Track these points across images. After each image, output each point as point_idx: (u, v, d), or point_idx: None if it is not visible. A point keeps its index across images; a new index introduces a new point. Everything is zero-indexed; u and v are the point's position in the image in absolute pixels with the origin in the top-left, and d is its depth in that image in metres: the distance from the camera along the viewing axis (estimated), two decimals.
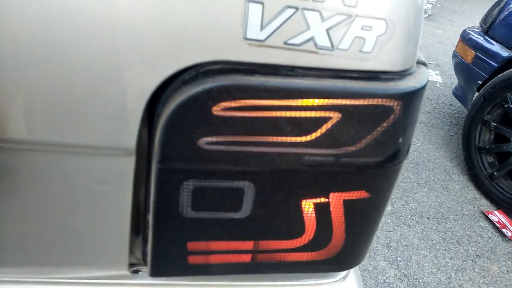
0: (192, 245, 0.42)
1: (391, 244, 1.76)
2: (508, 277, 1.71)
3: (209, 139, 0.35)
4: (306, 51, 0.32)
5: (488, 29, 2.19)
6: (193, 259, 0.44)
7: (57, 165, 0.36)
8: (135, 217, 0.43)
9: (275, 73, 0.33)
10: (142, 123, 0.34)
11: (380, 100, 0.35)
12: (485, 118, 2.07)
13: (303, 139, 0.36)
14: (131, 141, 0.35)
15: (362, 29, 0.32)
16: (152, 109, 0.35)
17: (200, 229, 0.41)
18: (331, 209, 0.42)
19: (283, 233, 0.43)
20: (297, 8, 0.31)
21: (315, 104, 0.34)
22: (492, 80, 2.02)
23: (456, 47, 2.41)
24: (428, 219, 1.94)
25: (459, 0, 5.58)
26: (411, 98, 0.37)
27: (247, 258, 0.45)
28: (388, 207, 1.95)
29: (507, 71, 1.95)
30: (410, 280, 1.62)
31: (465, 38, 2.31)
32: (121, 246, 0.44)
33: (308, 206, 0.41)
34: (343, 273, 0.58)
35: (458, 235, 1.88)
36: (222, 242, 0.43)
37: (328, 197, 0.41)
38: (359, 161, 0.39)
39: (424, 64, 0.41)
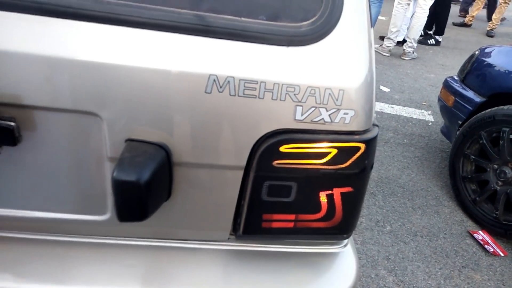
0: (265, 216, 0.83)
1: (389, 257, 2.12)
2: (489, 284, 2.04)
3: (277, 161, 0.77)
4: (320, 123, 0.75)
5: (464, 78, 2.64)
6: (264, 225, 0.84)
7: (207, 174, 0.79)
8: None
9: (306, 132, 0.76)
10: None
11: (354, 143, 0.78)
12: (466, 152, 2.47)
13: (319, 161, 0.78)
14: (243, 162, 0.77)
15: (344, 114, 0.75)
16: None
17: (270, 206, 0.82)
18: (334, 197, 0.83)
19: (310, 210, 0.84)
20: (316, 107, 0.74)
21: (324, 146, 0.77)
22: (469, 120, 2.44)
23: (440, 93, 2.86)
24: (421, 237, 2.29)
25: (450, 45, 6.12)
26: (369, 142, 0.79)
27: (291, 224, 0.86)
28: (387, 227, 2.32)
29: (480, 113, 2.37)
30: (405, 285, 1.96)
31: (446, 86, 2.76)
32: (229, 218, 0.85)
33: (323, 195, 0.83)
34: (344, 242, 0.98)
35: (447, 250, 2.23)
36: (279, 214, 0.84)
37: (332, 190, 0.82)
38: (347, 172, 0.80)
39: (377, 125, 0.84)
